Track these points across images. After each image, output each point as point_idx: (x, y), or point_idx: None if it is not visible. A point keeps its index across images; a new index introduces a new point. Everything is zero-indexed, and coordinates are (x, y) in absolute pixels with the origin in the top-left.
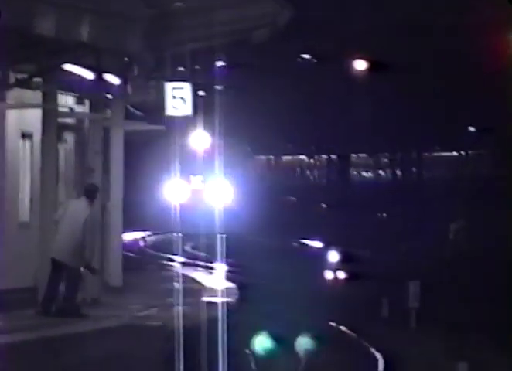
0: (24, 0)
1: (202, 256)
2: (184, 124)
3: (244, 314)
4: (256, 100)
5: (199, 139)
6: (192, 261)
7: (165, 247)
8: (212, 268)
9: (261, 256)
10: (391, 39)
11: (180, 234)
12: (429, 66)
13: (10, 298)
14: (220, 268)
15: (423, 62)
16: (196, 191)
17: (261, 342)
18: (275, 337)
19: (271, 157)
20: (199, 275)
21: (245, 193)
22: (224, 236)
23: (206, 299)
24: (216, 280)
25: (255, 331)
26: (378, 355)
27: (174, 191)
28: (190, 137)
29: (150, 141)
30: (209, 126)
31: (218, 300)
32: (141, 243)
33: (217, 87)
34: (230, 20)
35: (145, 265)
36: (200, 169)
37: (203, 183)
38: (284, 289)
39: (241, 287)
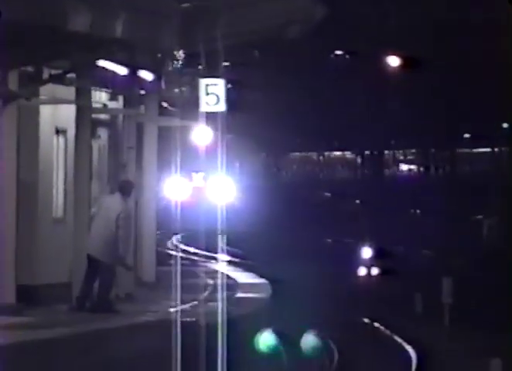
0: None
1: (234, 253)
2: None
3: (276, 309)
4: (290, 97)
5: (202, 135)
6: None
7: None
8: (241, 263)
9: (295, 252)
10: (426, 35)
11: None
12: (463, 63)
13: (44, 294)
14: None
15: (457, 58)
16: (198, 188)
17: (265, 340)
18: (282, 335)
19: (306, 154)
20: (232, 271)
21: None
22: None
23: (239, 295)
24: (249, 276)
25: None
26: (411, 351)
27: (175, 188)
28: (192, 132)
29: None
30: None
31: (251, 295)
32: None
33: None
34: (263, 16)
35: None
36: (203, 166)
37: (205, 180)
38: (317, 285)
39: (275, 282)
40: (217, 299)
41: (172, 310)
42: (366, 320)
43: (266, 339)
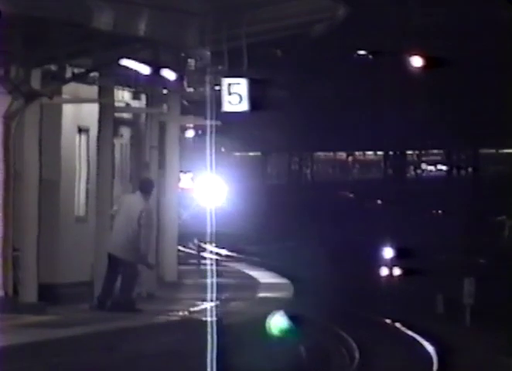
0: None
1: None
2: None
3: (298, 308)
4: (312, 96)
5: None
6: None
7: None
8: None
9: (317, 251)
10: (450, 34)
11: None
12: (486, 64)
13: (66, 292)
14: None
15: (480, 59)
16: (185, 189)
17: (277, 322)
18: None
19: (329, 153)
20: (253, 271)
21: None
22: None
23: (260, 294)
24: (270, 275)
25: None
26: (432, 351)
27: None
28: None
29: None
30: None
31: (272, 295)
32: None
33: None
34: (286, 14)
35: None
36: (191, 166)
37: (193, 181)
38: (339, 285)
39: (296, 282)
40: (239, 298)
41: (194, 309)
42: (387, 320)
43: (277, 322)
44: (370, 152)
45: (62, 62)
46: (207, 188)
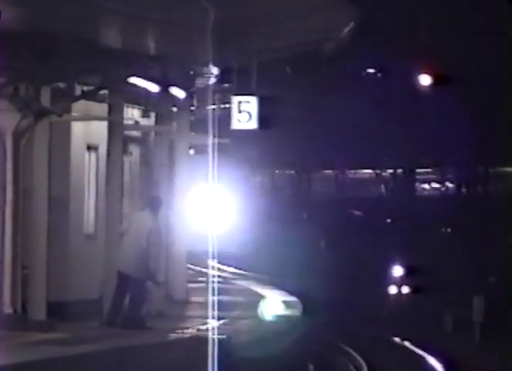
0: (91, 11)
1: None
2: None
3: (306, 326)
4: (319, 114)
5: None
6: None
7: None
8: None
9: (325, 269)
10: (457, 52)
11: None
12: (494, 81)
13: (75, 310)
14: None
15: (489, 76)
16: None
17: (269, 307)
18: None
19: (336, 171)
20: (261, 289)
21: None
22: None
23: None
24: (278, 293)
25: (317, 343)
26: (440, 369)
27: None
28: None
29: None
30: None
31: (280, 312)
32: None
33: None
34: (295, 32)
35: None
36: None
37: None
38: (347, 302)
39: (304, 300)
40: (247, 317)
41: (203, 327)
42: (396, 338)
43: (269, 306)
44: (378, 170)
45: (71, 80)
46: (213, 207)
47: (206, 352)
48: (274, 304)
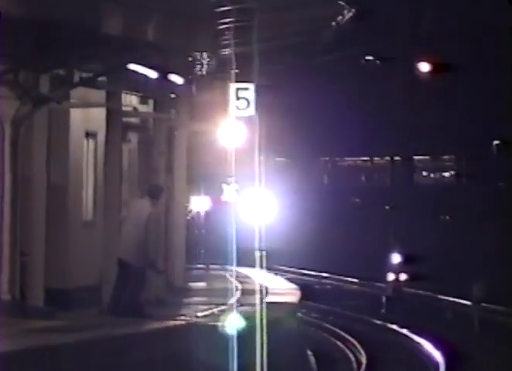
0: None
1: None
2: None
3: (305, 313)
4: (318, 101)
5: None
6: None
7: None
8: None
9: (324, 257)
10: (458, 39)
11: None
12: (495, 69)
13: (75, 297)
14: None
15: (490, 64)
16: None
17: (232, 321)
18: None
19: (336, 159)
20: (263, 277)
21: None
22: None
23: (268, 299)
24: (278, 281)
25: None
26: (440, 357)
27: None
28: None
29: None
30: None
31: (280, 300)
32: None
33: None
34: (294, 21)
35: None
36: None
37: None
38: (345, 290)
39: (303, 288)
40: (246, 304)
41: (201, 314)
42: (394, 326)
43: (233, 321)
44: (377, 158)
45: (70, 67)
46: (254, 202)
47: (204, 340)
48: (236, 319)
